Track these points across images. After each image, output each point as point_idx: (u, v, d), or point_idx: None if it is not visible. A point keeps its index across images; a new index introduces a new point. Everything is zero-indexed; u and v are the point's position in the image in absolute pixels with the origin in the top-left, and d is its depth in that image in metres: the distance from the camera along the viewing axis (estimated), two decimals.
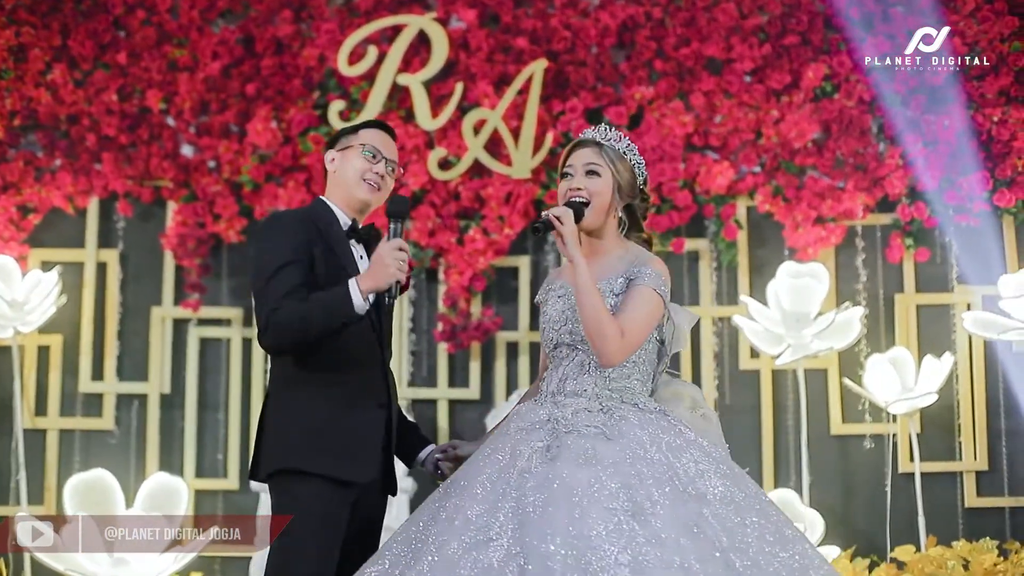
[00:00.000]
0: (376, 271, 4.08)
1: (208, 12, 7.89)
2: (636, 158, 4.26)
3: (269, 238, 4.26)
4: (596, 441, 3.92)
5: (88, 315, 7.78)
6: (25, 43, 7.82)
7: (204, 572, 7.36)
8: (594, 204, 4.19)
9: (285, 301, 4.10)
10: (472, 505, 3.89)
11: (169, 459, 7.68)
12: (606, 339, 4.01)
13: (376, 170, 4.38)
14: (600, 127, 4.30)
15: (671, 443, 3.94)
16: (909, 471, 7.43)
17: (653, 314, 4.10)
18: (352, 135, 4.44)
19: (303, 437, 4.18)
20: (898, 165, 7.60)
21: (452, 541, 3.81)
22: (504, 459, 4.01)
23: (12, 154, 7.80)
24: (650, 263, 4.14)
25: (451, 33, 7.79)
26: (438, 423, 7.66)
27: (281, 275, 4.14)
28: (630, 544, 3.61)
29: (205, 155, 7.77)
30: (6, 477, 7.57)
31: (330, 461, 4.16)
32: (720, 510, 3.77)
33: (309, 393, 4.22)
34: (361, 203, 4.39)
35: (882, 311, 7.69)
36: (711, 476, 3.86)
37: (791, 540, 3.81)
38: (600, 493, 3.74)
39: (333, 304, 4.08)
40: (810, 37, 7.77)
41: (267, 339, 4.17)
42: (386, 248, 4.08)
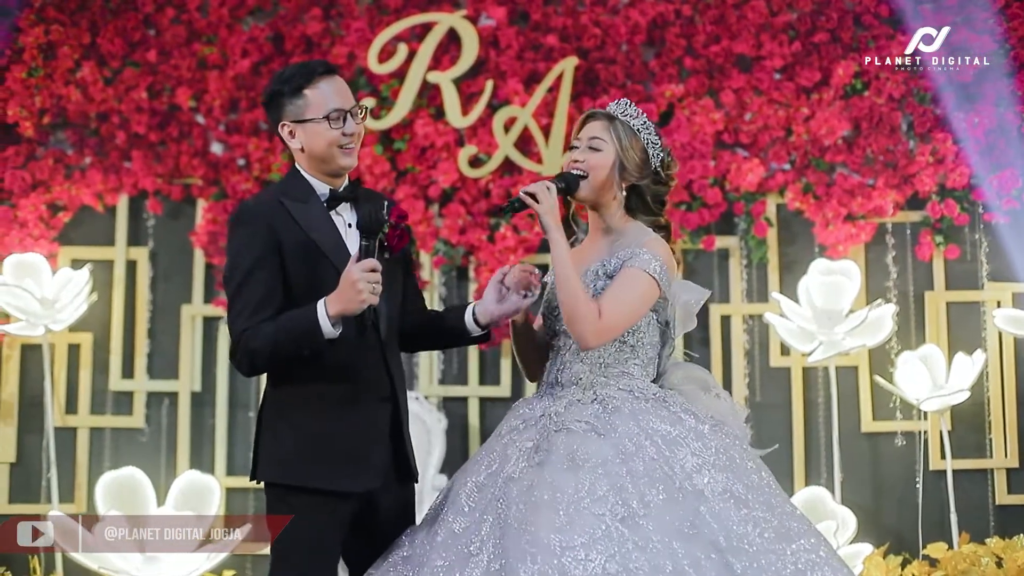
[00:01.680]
0: (346, 295, 3.78)
1: (237, 10, 7.89)
2: (651, 137, 4.13)
3: (232, 239, 3.99)
4: (586, 439, 3.80)
5: (118, 313, 7.77)
6: (54, 41, 7.82)
7: (236, 570, 7.37)
8: (591, 179, 4.07)
9: (253, 322, 3.85)
10: (457, 518, 3.82)
11: (200, 457, 7.67)
12: (579, 320, 3.88)
13: (347, 131, 4.00)
14: (620, 101, 4.19)
15: (667, 435, 3.82)
16: (940, 468, 7.42)
17: (642, 297, 3.94)
18: (298, 99, 3.98)
19: (296, 448, 3.93)
20: (928, 162, 7.60)
21: (436, 558, 3.75)
22: (493, 464, 3.92)
23: (42, 152, 7.80)
24: (647, 244, 4.00)
25: (481, 31, 7.79)
26: (469, 420, 7.65)
27: (246, 288, 3.88)
28: (619, 551, 3.53)
29: (235, 153, 7.77)
30: (37, 475, 7.57)
31: (322, 474, 3.91)
32: (719, 506, 3.66)
33: (303, 395, 3.96)
34: (341, 168, 4.05)
35: (912, 308, 7.69)
36: (710, 469, 3.73)
37: (797, 534, 3.68)
38: (587, 499, 3.64)
39: (300, 330, 3.82)
40: (840, 34, 7.76)
41: (238, 365, 3.95)
42: (356, 270, 3.77)
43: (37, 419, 7.61)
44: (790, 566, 3.59)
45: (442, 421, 7.41)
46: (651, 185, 4.13)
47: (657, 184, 4.15)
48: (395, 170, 7.71)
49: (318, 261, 3.93)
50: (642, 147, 4.10)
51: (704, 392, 4.12)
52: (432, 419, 7.39)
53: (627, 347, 4.01)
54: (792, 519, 3.75)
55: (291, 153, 4.09)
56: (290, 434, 3.95)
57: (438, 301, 7.70)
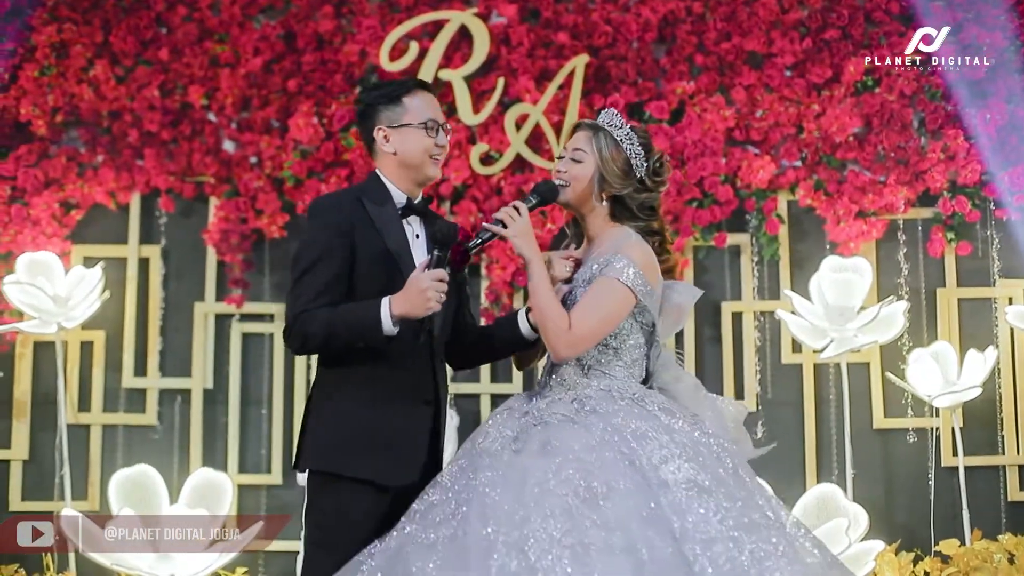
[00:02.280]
0: (413, 299, 3.97)
1: (249, 8, 7.90)
2: (635, 148, 4.20)
3: (309, 227, 4.19)
4: (561, 429, 3.93)
5: (131, 311, 7.79)
6: (67, 40, 7.85)
7: (249, 568, 7.38)
8: (571, 189, 4.20)
9: (313, 305, 4.02)
10: (434, 491, 3.97)
11: (212, 454, 7.68)
12: (550, 333, 4.03)
13: (439, 143, 4.25)
14: (607, 111, 4.26)
15: (637, 429, 3.90)
16: (952, 465, 7.42)
17: (613, 306, 4.05)
18: (396, 106, 4.23)
19: (342, 438, 4.09)
20: (940, 159, 7.60)
21: (408, 524, 3.89)
22: (476, 443, 4.07)
23: (55, 150, 7.83)
24: (623, 251, 4.09)
25: (492, 28, 7.80)
26: (481, 418, 7.63)
27: (311, 273, 4.06)
28: (576, 527, 3.62)
29: (247, 151, 7.77)
30: (50, 473, 7.59)
31: (368, 465, 4.07)
32: (680, 495, 3.73)
33: (353, 388, 4.13)
34: (428, 179, 4.29)
35: (924, 305, 7.69)
36: (676, 460, 3.82)
37: (758, 526, 3.73)
38: (553, 480, 3.74)
39: (360, 324, 4.00)
40: (851, 31, 7.76)
41: (289, 342, 4.16)
42: (427, 277, 3.97)
43: (50, 417, 7.63)
44: (746, 554, 3.64)
45: (454, 418, 7.40)
46: (634, 194, 4.22)
47: (642, 192, 4.23)
48: None
49: (386, 262, 4.11)
50: (624, 158, 4.20)
51: (695, 391, 4.23)
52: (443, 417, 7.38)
53: (609, 350, 4.14)
54: (755, 511, 3.79)
55: (375, 159, 4.29)
56: (335, 428, 4.12)
57: None
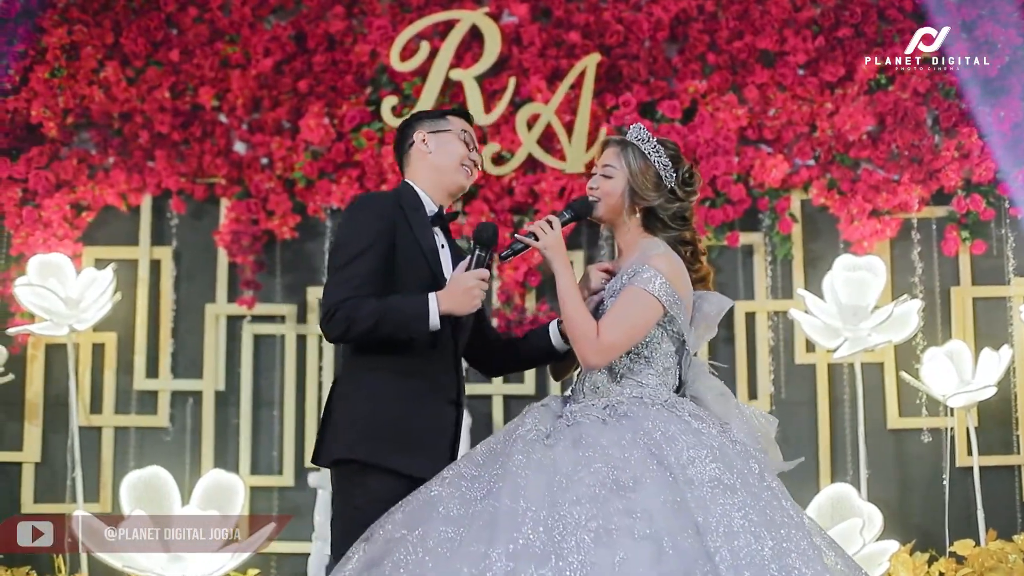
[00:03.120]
0: (459, 298, 4.09)
1: (260, 9, 7.90)
2: (662, 160, 4.26)
3: (354, 219, 4.22)
4: (592, 427, 3.99)
5: (142, 313, 7.79)
6: (78, 41, 7.85)
7: (261, 569, 7.38)
8: (604, 204, 4.28)
9: (358, 293, 4.06)
10: (469, 466, 4.01)
11: (224, 456, 7.68)
12: (578, 341, 4.11)
13: (472, 157, 4.39)
14: (635, 127, 4.34)
15: (667, 432, 3.95)
16: (967, 465, 7.39)
17: (640, 315, 4.11)
18: (439, 119, 4.41)
19: (372, 428, 4.12)
20: (954, 157, 7.56)
21: (435, 486, 3.94)
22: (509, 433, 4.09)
23: (66, 152, 7.83)
24: (651, 261, 4.16)
25: (503, 28, 7.77)
26: (493, 419, 7.64)
27: (356, 263, 4.10)
28: (601, 512, 3.68)
29: (258, 152, 7.77)
30: (62, 474, 7.60)
31: (396, 455, 4.09)
32: (704, 492, 3.77)
33: (382, 382, 4.16)
34: (459, 188, 4.39)
35: (938, 304, 7.65)
36: (703, 461, 3.86)
37: (779, 524, 3.77)
38: (583, 471, 3.80)
39: (408, 316, 4.07)
40: (864, 29, 7.72)
41: (332, 327, 4.10)
42: (472, 276, 4.10)
43: (62, 419, 7.63)
44: (767, 549, 3.67)
45: (466, 419, 7.39)
46: (665, 204, 4.28)
47: (673, 203, 4.30)
48: None
49: (419, 264, 4.19)
50: (654, 171, 4.27)
51: (726, 400, 4.26)
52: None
53: (641, 359, 4.19)
54: (778, 512, 3.83)
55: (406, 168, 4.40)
56: (364, 418, 4.15)
57: None
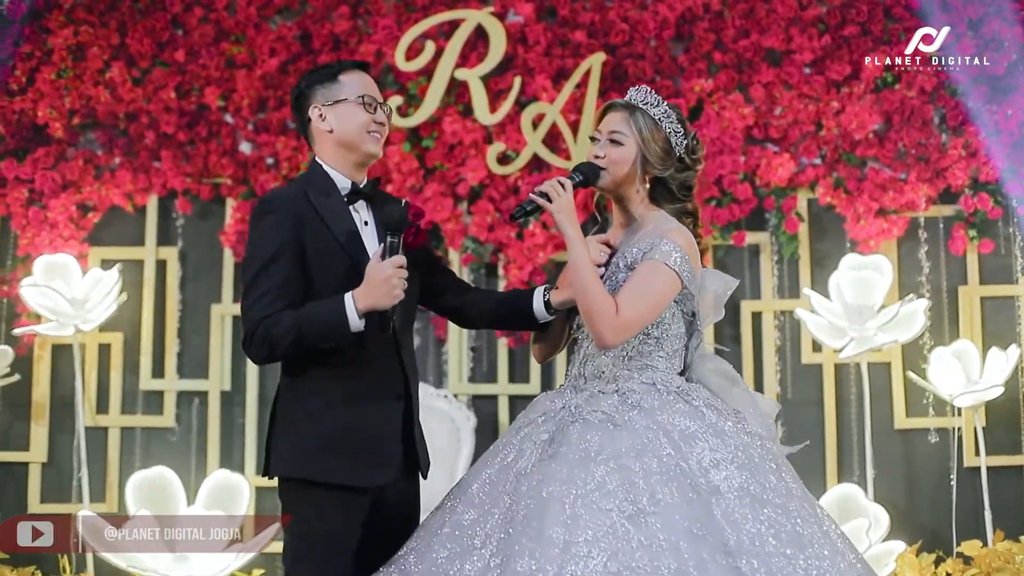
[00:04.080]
0: (377, 291, 3.83)
1: (265, 9, 7.89)
2: (674, 126, 4.03)
3: (255, 229, 3.97)
4: (601, 431, 3.76)
5: (148, 313, 7.79)
6: (83, 42, 7.86)
7: (266, 569, 7.37)
8: (612, 173, 4.02)
9: (273, 309, 3.83)
10: (467, 510, 3.79)
11: (230, 456, 7.68)
12: (596, 318, 3.81)
13: (378, 119, 4.07)
14: (639, 89, 4.09)
15: (685, 429, 3.75)
16: (974, 465, 7.34)
17: (661, 291, 3.87)
18: (332, 83, 4.06)
19: (312, 442, 3.93)
20: (960, 156, 7.53)
21: (440, 549, 3.73)
22: (508, 458, 3.88)
23: (72, 152, 7.84)
24: (668, 235, 3.92)
25: (508, 27, 7.75)
26: (499, 418, 7.62)
27: (266, 276, 3.86)
28: (623, 549, 3.45)
29: (263, 152, 7.77)
30: (68, 475, 7.59)
31: (341, 469, 3.91)
32: (734, 504, 3.58)
33: (320, 390, 3.94)
34: (369, 157, 4.09)
35: (946, 303, 7.61)
36: (727, 466, 3.67)
37: (810, 540, 3.60)
38: (596, 493, 3.57)
39: (327, 323, 3.82)
40: (870, 27, 7.70)
41: (253, 351, 3.89)
42: (388, 266, 3.84)
43: (68, 419, 7.63)
44: (800, 571, 3.51)
45: (471, 419, 7.38)
46: (675, 174, 4.06)
47: (682, 172, 4.08)
48: (423, 167, 7.69)
49: (336, 255, 3.94)
50: (664, 137, 4.03)
51: (732, 385, 4.04)
52: (461, 417, 7.36)
53: (651, 339, 3.95)
54: (807, 524, 3.66)
55: (312, 145, 4.13)
56: (307, 429, 3.94)
57: None
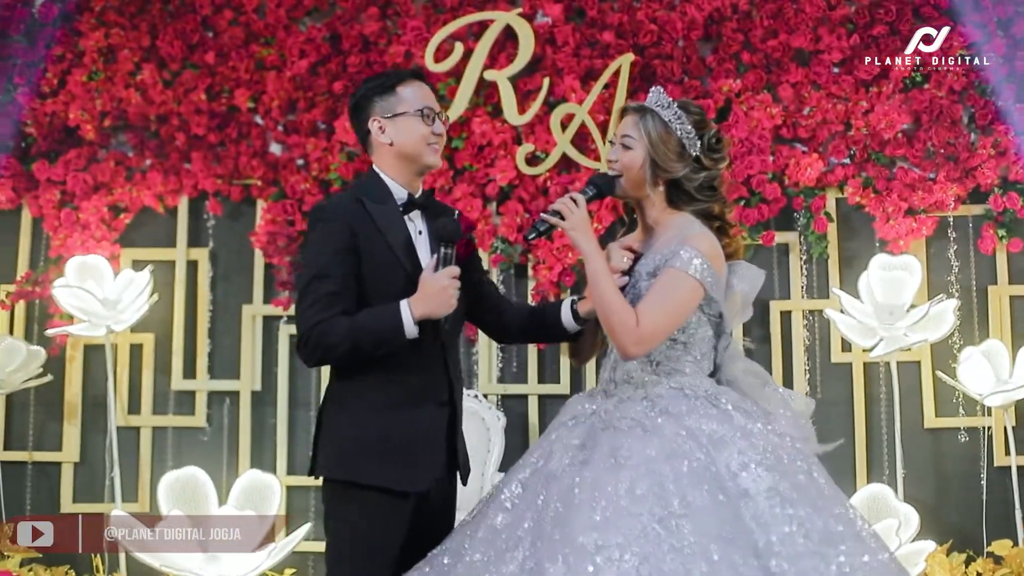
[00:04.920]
0: (433, 300, 3.93)
1: (295, 11, 7.92)
2: (685, 127, 4.04)
3: (311, 235, 4.09)
4: (631, 437, 3.77)
5: (179, 314, 7.83)
6: (114, 45, 7.90)
7: (298, 569, 7.41)
8: (626, 177, 4.05)
9: (328, 315, 3.92)
10: (499, 514, 3.82)
11: (260, 456, 7.71)
12: (617, 331, 3.85)
13: (436, 131, 4.13)
14: (655, 90, 4.12)
15: (713, 434, 3.76)
16: (1005, 464, 7.33)
17: (683, 300, 3.88)
18: (390, 95, 4.13)
19: (358, 445, 4.01)
20: (990, 155, 7.52)
21: (475, 553, 3.76)
22: (539, 462, 3.92)
23: (103, 154, 7.88)
24: (689, 241, 3.93)
25: (537, 28, 7.76)
26: (529, 418, 7.64)
27: (321, 282, 3.95)
28: (654, 553, 3.45)
29: (293, 153, 7.80)
30: (101, 475, 7.66)
31: (386, 472, 3.99)
32: (763, 505, 3.59)
33: (367, 394, 4.04)
34: (429, 167, 4.18)
35: (975, 303, 7.60)
36: (755, 467, 3.67)
37: (841, 538, 3.59)
38: (626, 498, 3.58)
39: (383, 331, 3.92)
40: (899, 27, 7.68)
41: (307, 355, 3.99)
42: (444, 276, 3.95)
43: (100, 419, 7.70)
44: (833, 569, 3.52)
45: (501, 419, 7.39)
46: (691, 175, 4.06)
47: (699, 172, 4.07)
48: (452, 168, 7.70)
49: (391, 264, 4.02)
50: (676, 139, 4.04)
51: (763, 385, 4.06)
52: (491, 417, 7.37)
53: (678, 345, 3.97)
54: (839, 522, 3.65)
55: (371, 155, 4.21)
56: (353, 432, 4.02)
57: None
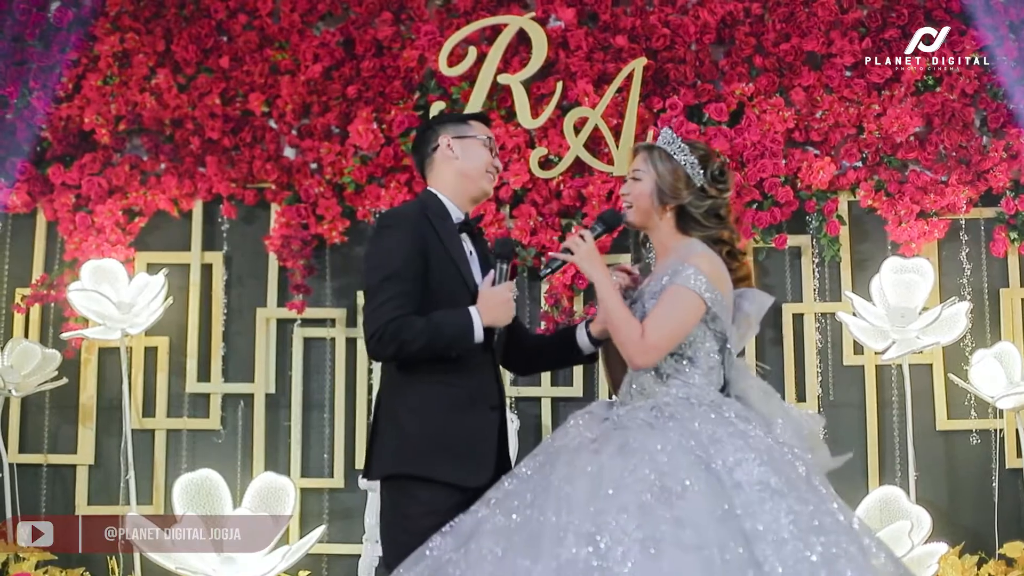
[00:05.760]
0: (497, 310, 4.25)
1: (309, 15, 7.95)
2: (688, 158, 4.38)
3: (383, 239, 4.29)
4: (639, 432, 4.03)
5: (194, 317, 7.86)
6: (129, 49, 7.93)
7: (312, 571, 7.43)
8: (636, 208, 4.43)
9: (402, 312, 4.15)
10: (512, 480, 4.08)
11: (275, 458, 7.73)
12: (625, 344, 4.22)
13: (495, 164, 4.48)
14: (663, 131, 4.47)
15: (712, 434, 4.00)
16: (1016, 467, 7.37)
17: (684, 312, 4.21)
18: (462, 124, 4.50)
19: (418, 442, 4.21)
20: (1002, 158, 7.54)
21: (481, 509, 4.01)
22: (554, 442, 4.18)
23: (118, 158, 7.91)
24: (691, 259, 4.26)
25: (550, 32, 7.79)
26: (542, 421, 7.67)
27: (395, 282, 4.18)
28: (649, 522, 3.68)
29: (307, 157, 7.82)
30: (116, 477, 7.68)
31: (449, 467, 4.20)
32: (752, 497, 3.79)
33: (427, 395, 4.26)
34: (483, 194, 4.49)
35: (987, 305, 7.61)
36: (750, 464, 3.89)
37: (827, 529, 3.77)
38: (630, 478, 3.83)
39: (455, 333, 4.19)
40: (910, 30, 7.70)
41: (381, 348, 4.20)
42: (504, 289, 4.28)
43: (115, 422, 7.72)
44: (816, 554, 3.67)
45: (515, 422, 7.40)
46: (696, 202, 4.40)
47: (704, 200, 4.41)
48: None
49: (453, 275, 4.29)
50: (676, 169, 4.39)
51: (769, 399, 4.30)
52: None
53: (684, 359, 4.28)
54: (826, 516, 3.83)
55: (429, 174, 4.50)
56: (414, 432, 4.23)
57: None
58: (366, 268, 4.30)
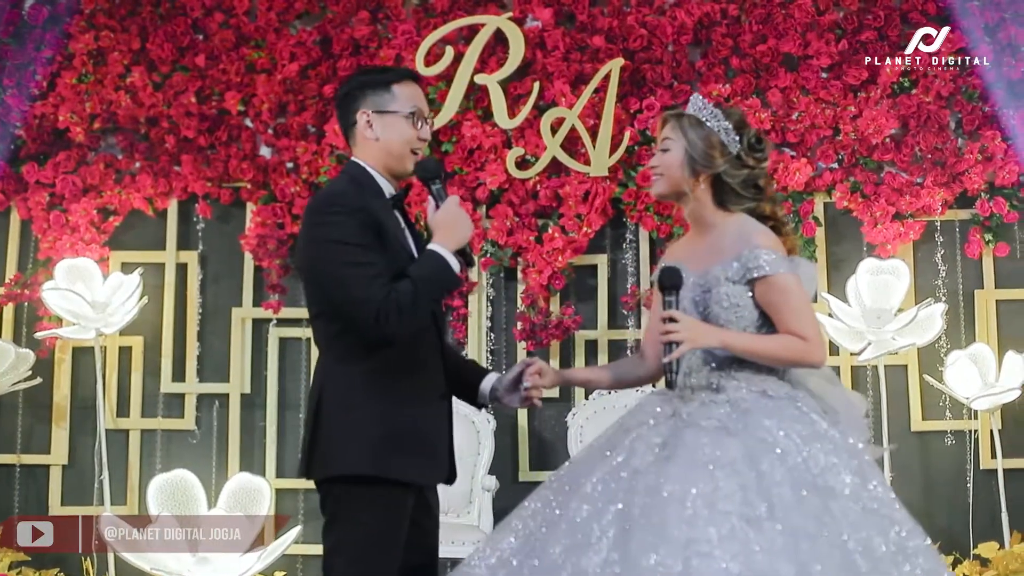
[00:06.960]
0: (455, 230, 3.93)
1: (285, 14, 7.92)
2: (722, 123, 4.07)
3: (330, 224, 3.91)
4: (716, 437, 3.76)
5: (169, 316, 7.82)
6: (104, 47, 7.90)
7: (287, 571, 7.42)
8: (667, 178, 4.10)
9: (388, 285, 3.82)
10: (581, 506, 3.76)
11: (250, 459, 7.71)
12: (798, 360, 3.95)
13: (422, 136, 4.08)
14: (693, 98, 4.17)
15: (800, 432, 3.76)
16: (991, 467, 7.38)
17: (801, 294, 3.96)
18: (384, 92, 4.05)
19: (379, 438, 3.88)
20: (977, 160, 7.56)
21: (555, 545, 3.70)
22: (619, 457, 3.87)
23: (92, 157, 7.88)
24: (759, 245, 3.96)
25: (527, 32, 7.78)
26: (519, 422, 7.65)
27: (367, 262, 3.84)
28: (743, 551, 3.44)
29: (283, 156, 7.80)
30: (90, 477, 7.63)
31: (406, 465, 3.90)
32: (850, 507, 3.60)
33: (375, 389, 3.90)
34: (405, 174, 4.12)
35: (962, 307, 7.64)
36: (841, 470, 3.67)
37: (915, 552, 3.62)
38: (715, 495, 3.56)
39: (437, 275, 3.89)
40: (887, 32, 7.72)
41: (390, 325, 3.82)
42: (451, 206, 3.96)
43: (89, 421, 7.67)
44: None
45: (491, 422, 7.39)
46: (731, 171, 4.09)
47: (740, 169, 4.10)
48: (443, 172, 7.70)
49: (397, 250, 3.96)
50: (714, 137, 4.07)
51: (831, 385, 4.09)
52: (481, 420, 7.36)
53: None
54: (912, 537, 3.68)
55: (353, 146, 4.12)
56: (366, 431, 3.89)
57: (486, 302, 7.73)
58: (324, 252, 3.91)
